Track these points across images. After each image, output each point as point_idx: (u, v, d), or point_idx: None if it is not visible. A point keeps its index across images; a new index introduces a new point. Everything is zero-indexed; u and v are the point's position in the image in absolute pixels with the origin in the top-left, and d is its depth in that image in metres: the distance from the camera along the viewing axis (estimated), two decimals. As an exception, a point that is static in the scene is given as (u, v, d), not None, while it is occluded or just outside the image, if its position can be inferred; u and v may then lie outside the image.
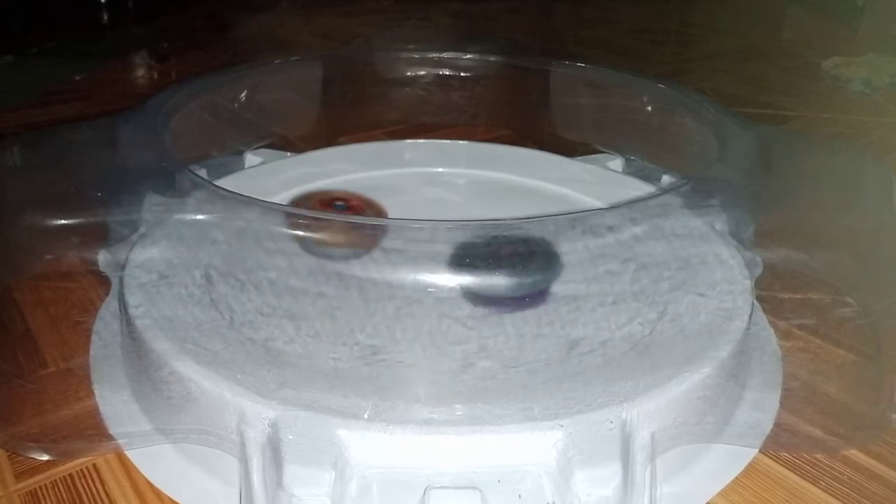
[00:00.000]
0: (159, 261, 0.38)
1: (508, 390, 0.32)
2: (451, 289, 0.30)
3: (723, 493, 0.34)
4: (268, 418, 0.31)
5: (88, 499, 0.34)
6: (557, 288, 0.33)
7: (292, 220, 0.31)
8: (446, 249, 0.30)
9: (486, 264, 0.31)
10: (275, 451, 0.31)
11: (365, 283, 0.33)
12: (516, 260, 0.31)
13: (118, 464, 0.36)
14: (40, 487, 0.34)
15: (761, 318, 0.44)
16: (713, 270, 0.37)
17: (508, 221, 0.31)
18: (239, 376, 0.32)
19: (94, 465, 0.35)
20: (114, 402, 0.39)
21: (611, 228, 0.30)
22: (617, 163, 0.62)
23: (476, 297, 0.35)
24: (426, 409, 0.31)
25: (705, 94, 0.53)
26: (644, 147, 0.60)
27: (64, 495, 0.34)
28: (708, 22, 1.25)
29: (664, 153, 0.58)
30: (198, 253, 0.36)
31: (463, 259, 0.31)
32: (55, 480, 0.35)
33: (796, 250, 0.39)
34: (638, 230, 0.31)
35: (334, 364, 0.32)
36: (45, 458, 0.35)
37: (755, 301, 0.39)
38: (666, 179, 0.58)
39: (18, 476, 0.35)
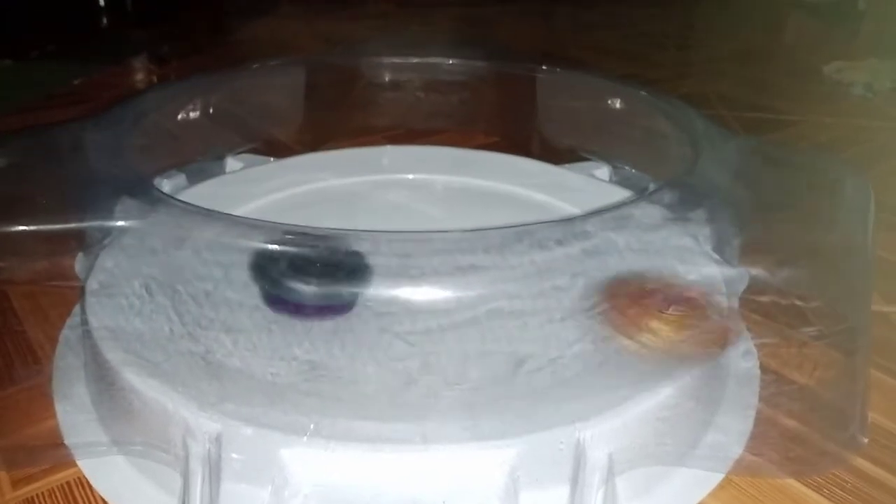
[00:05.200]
0: (113, 269, 0.38)
1: (454, 408, 0.31)
2: (392, 302, 0.29)
3: (713, 494, 0.34)
4: (209, 433, 0.30)
5: (84, 508, 0.33)
6: (367, 299, 0.32)
7: (233, 229, 0.31)
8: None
9: (283, 272, 0.31)
10: (215, 466, 0.31)
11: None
12: (317, 270, 0.31)
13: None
14: (37, 495, 0.34)
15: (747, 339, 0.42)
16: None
17: (451, 232, 0.30)
18: (180, 389, 0.31)
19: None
20: (72, 411, 0.38)
21: (559, 242, 0.29)
22: (603, 171, 0.61)
23: (275, 302, 0.35)
24: (368, 426, 0.30)
25: (705, 97, 0.52)
26: (630, 155, 0.59)
27: (61, 503, 0.34)
28: (709, 26, 1.24)
29: (649, 161, 0.57)
30: (139, 263, 0.35)
31: (260, 265, 0.31)
32: (52, 489, 0.34)
33: (765, 267, 0.37)
34: (587, 244, 0.30)
35: (273, 379, 0.32)
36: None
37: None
38: (652, 188, 0.57)
39: (15, 484, 0.35)
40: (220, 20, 1.19)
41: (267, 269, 0.32)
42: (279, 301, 0.35)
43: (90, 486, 0.34)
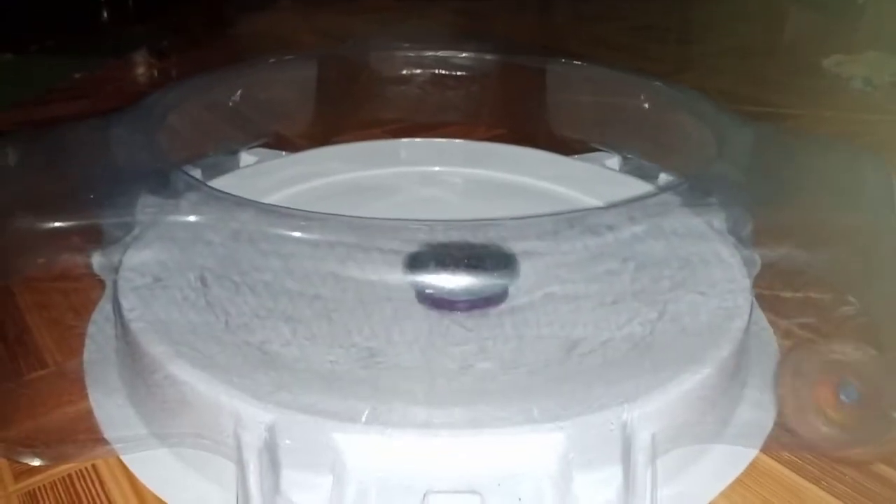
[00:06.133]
0: (153, 263, 0.38)
1: (508, 392, 0.31)
2: (452, 290, 0.30)
3: (724, 494, 0.34)
4: (264, 422, 0.31)
5: (87, 500, 0.33)
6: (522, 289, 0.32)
7: (287, 220, 0.31)
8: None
9: (439, 267, 0.31)
10: (272, 455, 0.31)
11: (362, 284, 0.33)
12: (468, 263, 0.31)
13: (118, 465, 0.35)
14: (39, 488, 0.34)
15: (760, 316, 0.43)
16: (713, 269, 0.37)
17: (504, 221, 0.31)
18: (235, 380, 0.32)
19: (94, 466, 0.35)
20: (108, 405, 0.38)
21: (610, 227, 0.30)
22: (614, 161, 0.62)
23: (430, 300, 0.36)
24: (424, 411, 0.31)
25: (705, 92, 0.53)
26: (641, 145, 0.60)
27: (63, 496, 0.34)
28: (709, 20, 1.24)
29: (661, 151, 0.58)
30: (192, 255, 0.35)
31: (417, 261, 0.32)
32: (54, 481, 0.34)
33: (796, 248, 0.38)
34: (637, 229, 0.30)
35: (331, 367, 0.32)
36: (38, 462, 0.35)
37: (754, 300, 0.38)
38: (663, 178, 0.58)
39: (17, 476, 0.34)
40: (219, 14, 1.18)
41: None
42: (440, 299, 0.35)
43: (91, 478, 0.34)
